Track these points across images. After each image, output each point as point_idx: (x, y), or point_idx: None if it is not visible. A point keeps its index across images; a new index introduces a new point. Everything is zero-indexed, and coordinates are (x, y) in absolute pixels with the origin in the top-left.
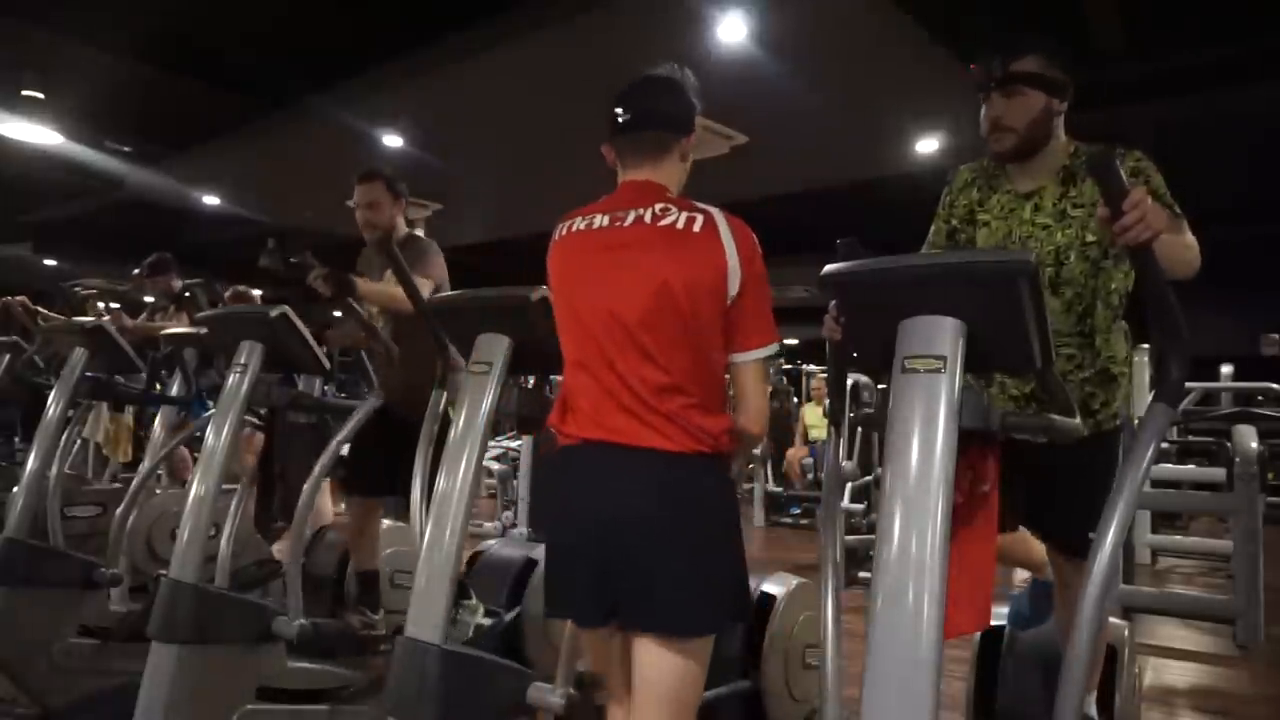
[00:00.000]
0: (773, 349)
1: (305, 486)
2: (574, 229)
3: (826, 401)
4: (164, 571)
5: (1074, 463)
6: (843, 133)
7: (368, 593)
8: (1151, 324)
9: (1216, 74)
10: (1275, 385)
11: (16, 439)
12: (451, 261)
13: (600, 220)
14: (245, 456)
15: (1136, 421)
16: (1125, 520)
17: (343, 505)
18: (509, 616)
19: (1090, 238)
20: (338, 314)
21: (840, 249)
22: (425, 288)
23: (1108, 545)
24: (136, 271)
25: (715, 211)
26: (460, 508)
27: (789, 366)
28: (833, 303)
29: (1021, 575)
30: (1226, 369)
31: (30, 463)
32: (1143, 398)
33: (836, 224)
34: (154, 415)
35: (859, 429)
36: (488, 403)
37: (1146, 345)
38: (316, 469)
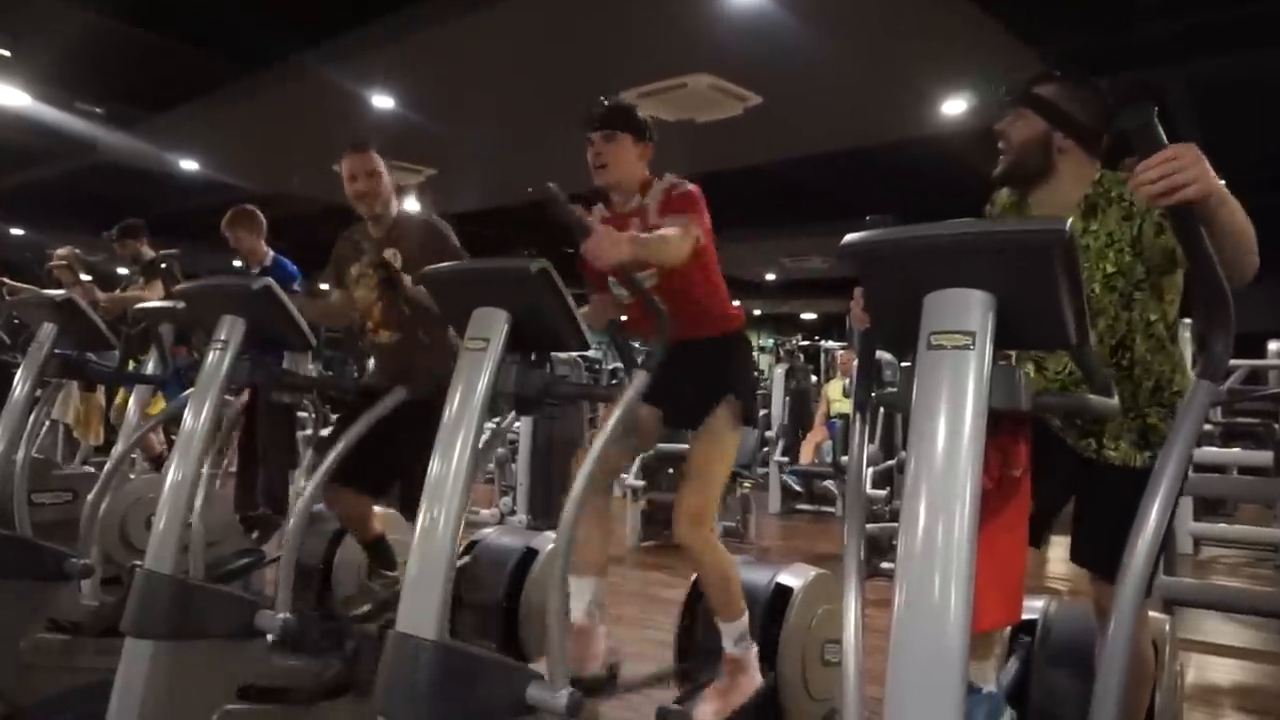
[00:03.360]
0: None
1: (299, 479)
2: None
3: (848, 379)
4: (139, 562)
5: (1125, 489)
6: (863, 92)
7: (380, 556)
8: (1194, 295)
9: (1256, 30)
10: None
11: None
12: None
13: None
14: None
15: None
16: (1166, 506)
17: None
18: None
19: (1111, 268)
20: (323, 285)
21: (870, 225)
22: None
23: (1148, 532)
24: (104, 234)
25: None
26: (455, 494)
27: (806, 342)
28: (860, 290)
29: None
30: (1275, 345)
31: None
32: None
33: (856, 190)
34: (128, 395)
35: (881, 410)
36: (484, 381)
37: (1189, 320)
38: (326, 462)
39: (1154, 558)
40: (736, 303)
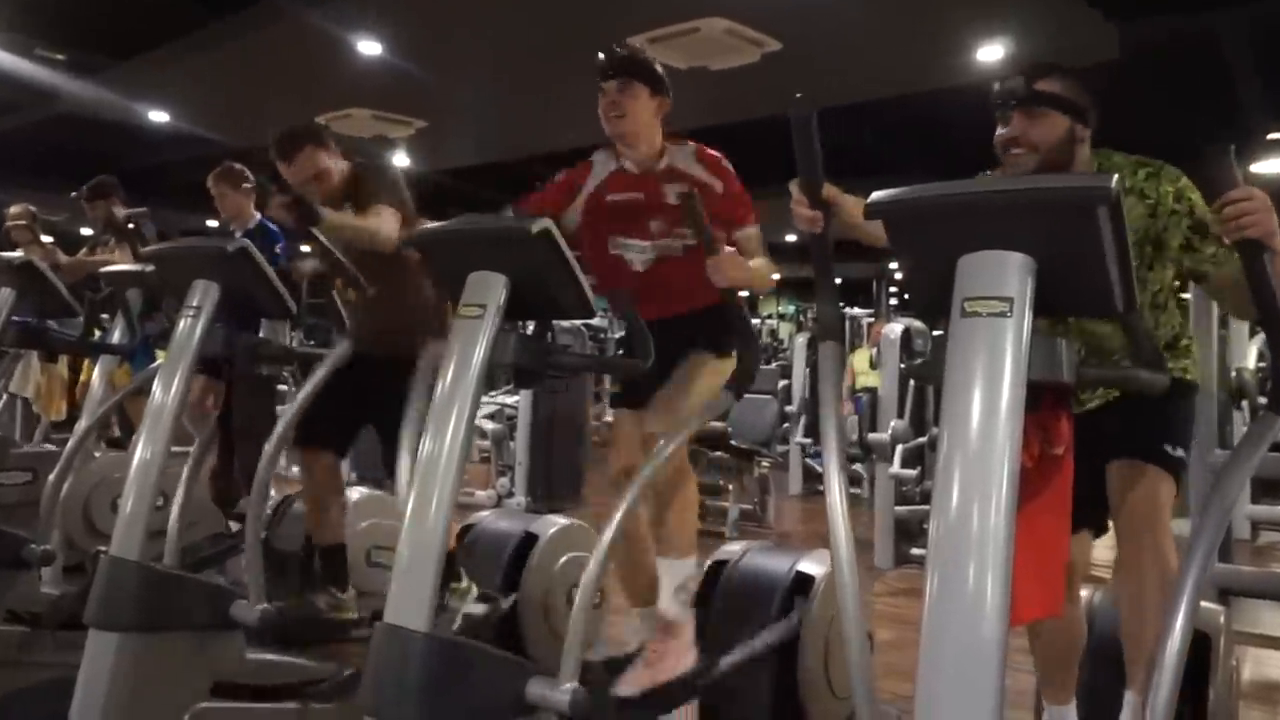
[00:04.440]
0: None
1: (265, 447)
2: None
3: (875, 349)
4: (104, 548)
5: (1141, 407)
6: (891, 38)
7: (332, 569)
8: (1264, 329)
9: None
10: None
11: None
12: (439, 187)
13: None
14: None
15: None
16: (1222, 522)
17: (295, 468)
18: (506, 602)
19: None
20: (304, 249)
21: (794, 118)
22: (391, 219)
23: (1208, 533)
24: (74, 195)
25: None
26: (448, 474)
27: None
28: (797, 180)
29: None
30: None
31: None
32: (1241, 344)
33: (883, 144)
34: (93, 366)
35: (911, 382)
36: (480, 352)
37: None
38: (278, 427)
39: (1206, 562)
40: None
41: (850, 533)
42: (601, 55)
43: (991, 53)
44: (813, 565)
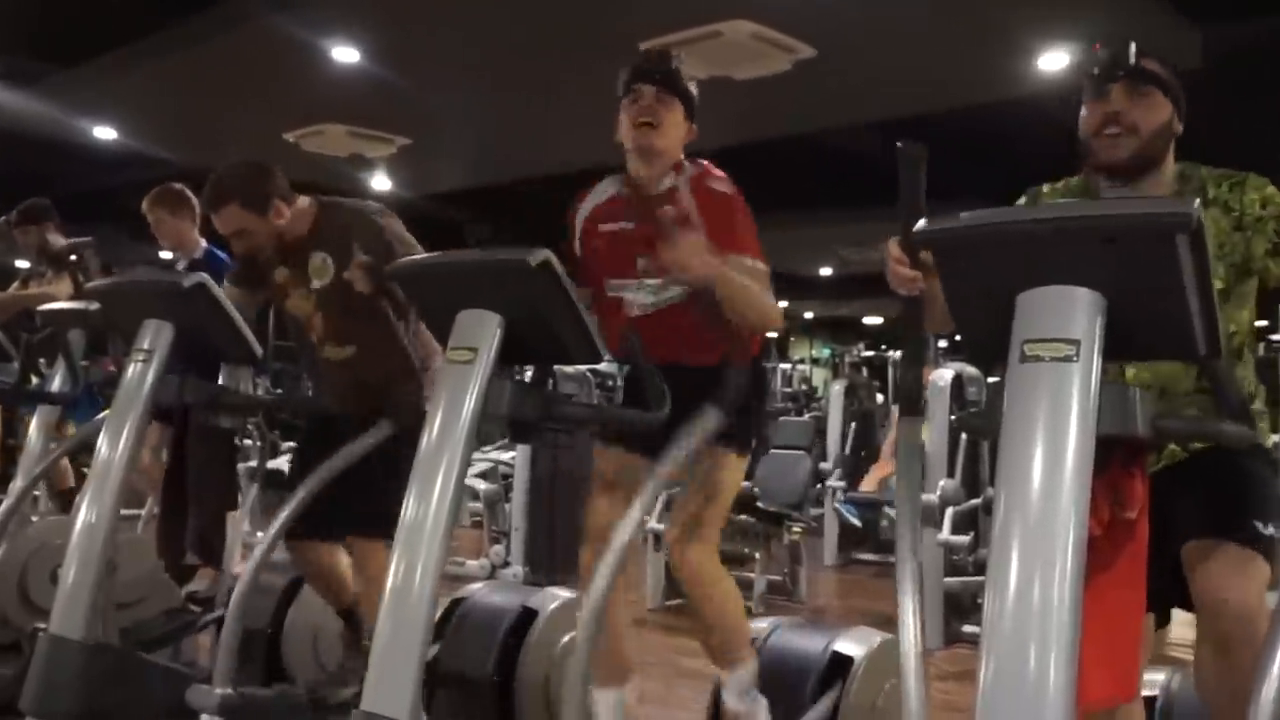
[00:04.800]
0: None
1: (271, 531)
2: None
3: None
4: (42, 625)
5: (1218, 465)
6: (941, 43)
7: (356, 628)
8: None
9: None
10: None
11: None
12: (423, 214)
13: None
14: (150, 472)
15: None
16: None
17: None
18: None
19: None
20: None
21: (900, 157)
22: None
23: None
24: (3, 219)
25: None
26: (434, 541)
27: (870, 353)
28: (895, 240)
29: None
30: None
31: None
32: None
33: (931, 165)
34: (29, 417)
35: (962, 435)
36: (471, 401)
37: None
38: (287, 509)
39: None
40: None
41: (920, 639)
42: (644, 56)
43: (1055, 61)
44: (851, 645)
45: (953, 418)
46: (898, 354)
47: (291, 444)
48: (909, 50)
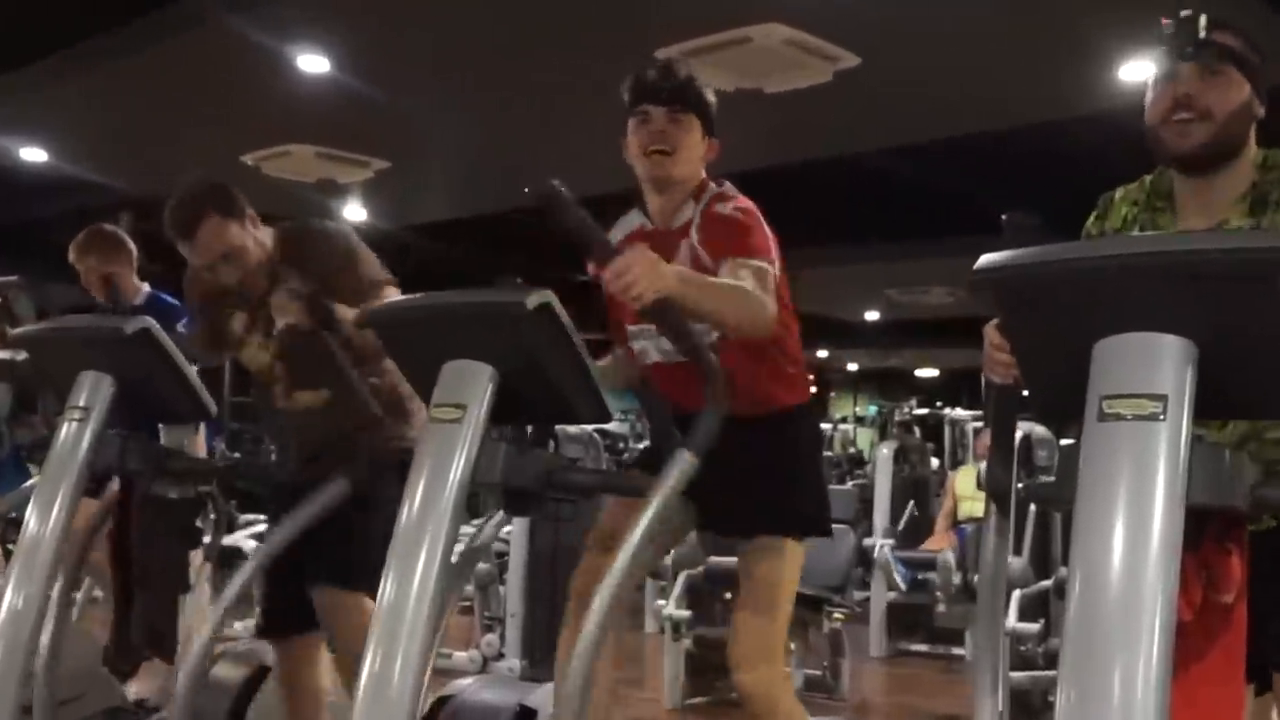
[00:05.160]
0: None
1: (213, 614)
2: None
3: (984, 464)
4: None
5: None
6: (1005, 52)
7: None
8: None
9: None
10: None
11: None
12: (405, 248)
13: None
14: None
15: None
16: None
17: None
18: None
19: None
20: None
21: (1006, 227)
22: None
23: None
24: None
25: None
26: (416, 629)
27: (924, 411)
28: (995, 325)
29: None
30: None
31: None
32: None
33: (994, 192)
34: None
35: (1031, 507)
36: (458, 467)
37: None
38: (230, 590)
39: None
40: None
41: None
42: (649, 70)
43: (1137, 71)
44: None
45: (1019, 486)
46: (955, 412)
47: (252, 517)
48: (969, 59)
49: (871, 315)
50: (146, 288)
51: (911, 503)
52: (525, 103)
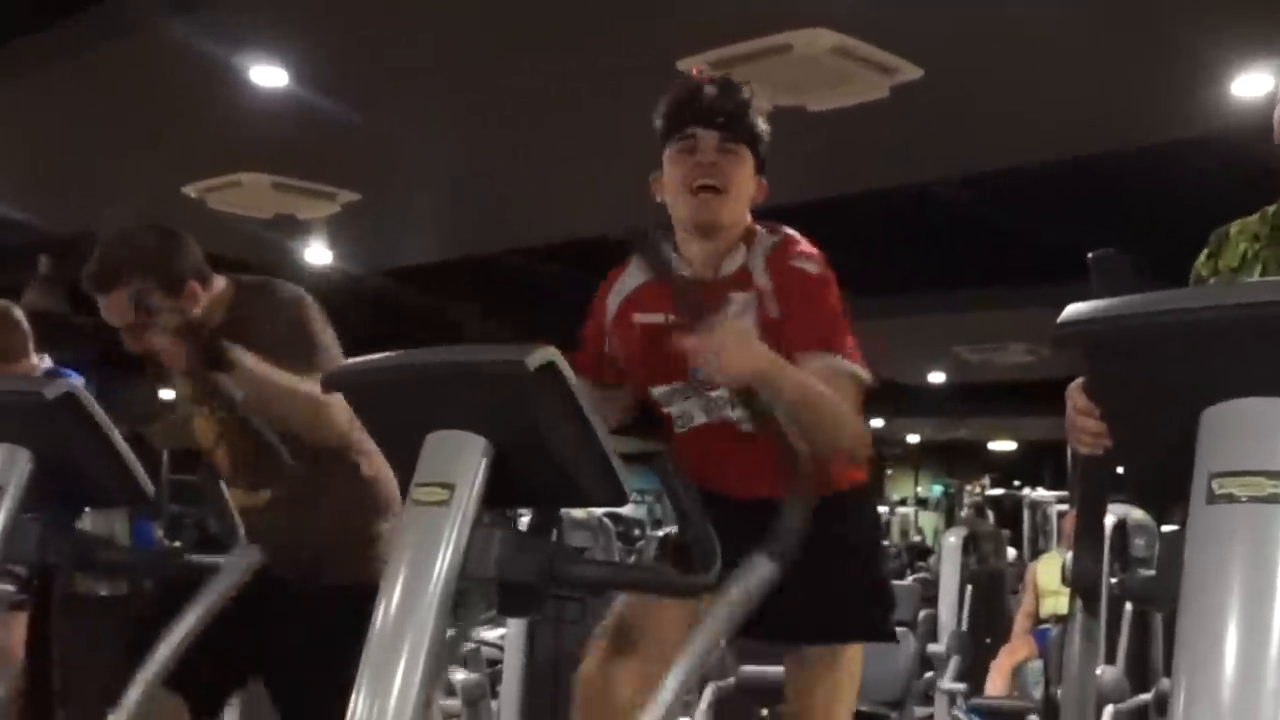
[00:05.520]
0: None
1: (131, 694)
2: None
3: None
4: None
5: None
6: (1095, 62)
7: None
8: None
9: None
10: None
11: None
12: (378, 296)
13: None
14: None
15: None
16: None
17: None
18: None
19: None
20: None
21: (1094, 268)
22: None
23: None
24: None
25: None
26: None
27: (998, 491)
28: (1081, 385)
29: None
30: None
31: None
32: None
33: (1082, 229)
34: None
35: (1127, 605)
36: (444, 559)
37: None
38: (140, 681)
39: None
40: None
41: None
42: (703, 85)
43: (1254, 84)
44: None
45: (1113, 580)
46: (1035, 492)
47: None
48: (1053, 71)
49: (936, 377)
50: (46, 363)
51: (988, 643)
52: (522, 124)
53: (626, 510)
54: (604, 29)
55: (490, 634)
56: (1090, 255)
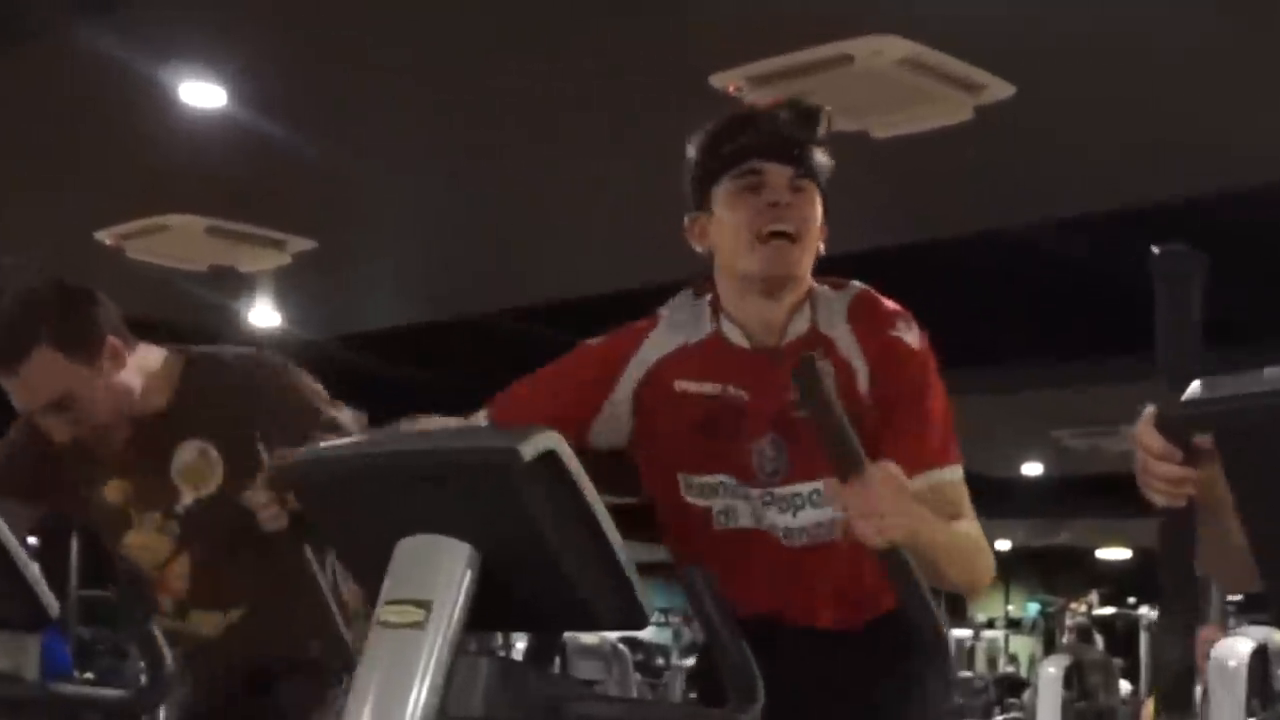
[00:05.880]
0: None
1: None
2: None
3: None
4: None
5: None
6: (1226, 79)
7: None
8: None
9: None
10: None
11: None
12: (337, 366)
13: None
14: None
15: None
16: None
17: None
18: None
19: None
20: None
21: (1158, 270)
22: (342, 422)
23: None
24: None
25: None
26: None
27: (1109, 610)
28: (1151, 417)
29: None
30: None
31: None
32: None
33: (1210, 285)
34: None
35: None
36: (419, 696)
37: None
38: None
39: None
40: None
41: None
42: (775, 109)
43: None
44: None
45: (1253, 717)
46: (1154, 612)
47: None
48: (1174, 90)
49: (1031, 469)
50: None
51: None
52: (514, 158)
53: (647, 634)
54: (617, 36)
55: None
56: (1154, 252)
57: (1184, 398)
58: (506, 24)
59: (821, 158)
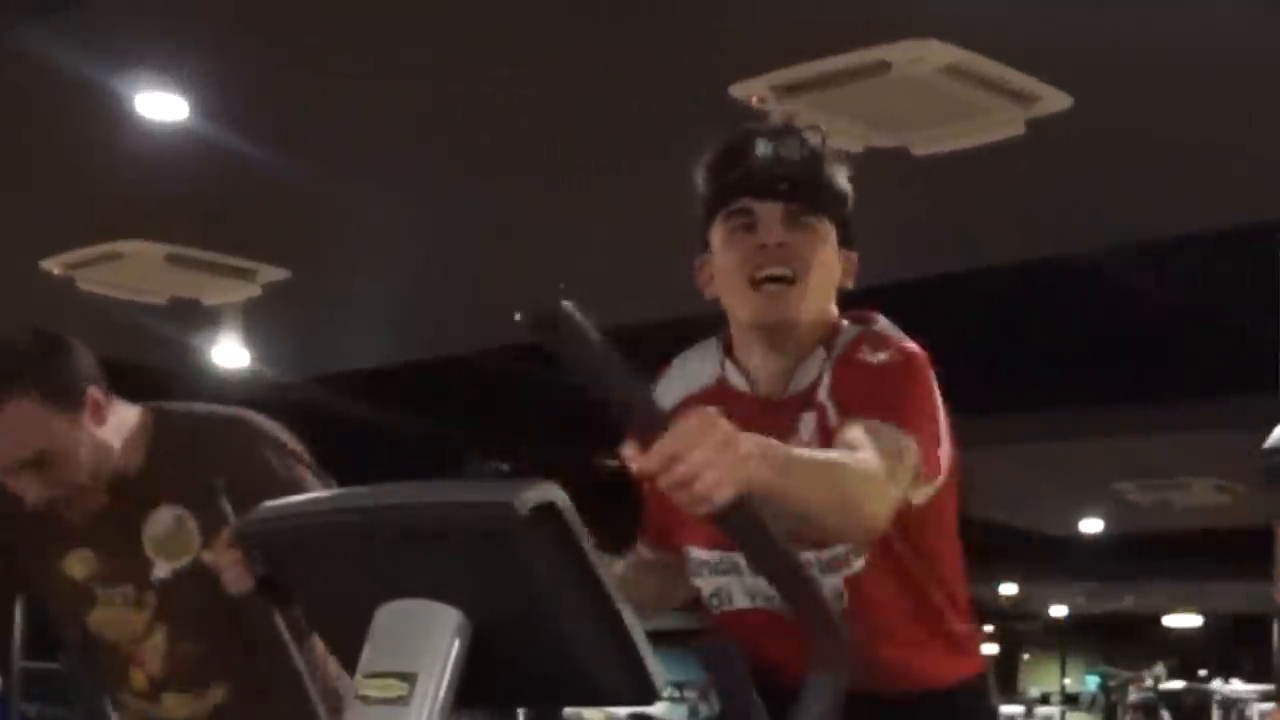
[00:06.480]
0: None
1: None
2: None
3: None
4: None
5: None
6: None
7: None
8: None
9: None
10: None
11: None
12: (312, 410)
13: None
14: None
15: None
16: None
17: None
18: None
19: None
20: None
21: None
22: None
23: None
24: None
25: None
26: None
27: (1178, 685)
28: None
29: None
30: None
31: None
32: None
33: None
34: None
35: None
36: None
37: None
38: None
39: None
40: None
41: None
42: (753, 137)
43: None
44: None
45: None
46: (1230, 686)
47: None
48: (1248, 105)
49: (1091, 526)
50: None
51: None
52: (509, 180)
53: (658, 711)
54: (624, 43)
55: None
56: None
57: (1265, 444)
58: (496, 31)
59: (830, 183)
